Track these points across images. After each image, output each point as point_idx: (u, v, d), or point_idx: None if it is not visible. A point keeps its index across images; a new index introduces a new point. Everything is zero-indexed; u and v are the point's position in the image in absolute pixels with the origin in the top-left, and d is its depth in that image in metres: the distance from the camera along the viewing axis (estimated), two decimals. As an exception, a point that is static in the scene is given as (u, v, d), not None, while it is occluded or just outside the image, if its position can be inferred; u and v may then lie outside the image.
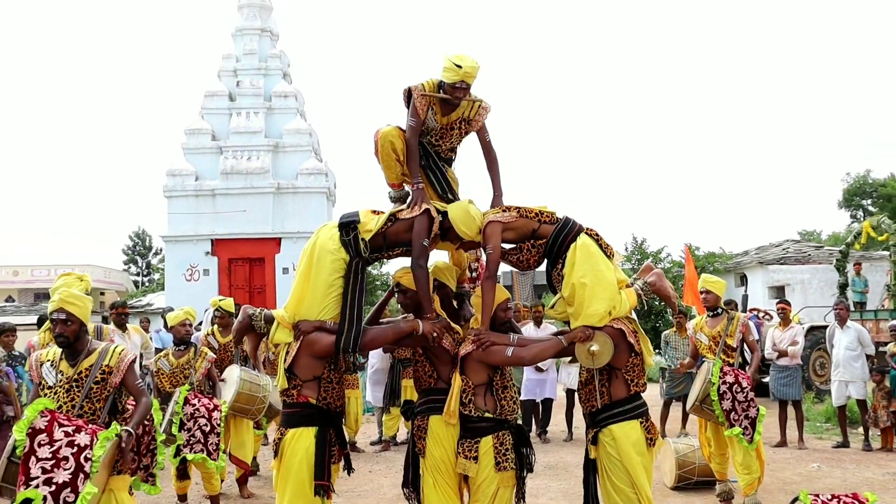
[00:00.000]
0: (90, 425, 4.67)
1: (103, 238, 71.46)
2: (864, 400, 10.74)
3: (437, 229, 5.09)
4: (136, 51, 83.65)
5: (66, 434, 4.53)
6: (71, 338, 4.82)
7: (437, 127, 5.20)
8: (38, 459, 4.46)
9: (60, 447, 4.48)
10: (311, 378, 4.89)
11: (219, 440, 7.35)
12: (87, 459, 4.50)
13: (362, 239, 4.95)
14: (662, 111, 78.88)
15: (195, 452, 7.21)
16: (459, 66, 4.98)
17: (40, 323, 9.30)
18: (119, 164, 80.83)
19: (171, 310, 13.90)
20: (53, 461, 4.46)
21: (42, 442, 4.48)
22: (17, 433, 4.48)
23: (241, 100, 23.07)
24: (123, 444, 4.67)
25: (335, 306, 4.93)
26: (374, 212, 5.14)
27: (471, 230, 5.10)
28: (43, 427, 4.51)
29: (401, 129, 5.19)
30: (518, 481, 5.03)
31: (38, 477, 4.43)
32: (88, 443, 4.54)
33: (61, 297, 4.84)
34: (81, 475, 4.48)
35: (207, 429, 7.27)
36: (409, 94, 5.19)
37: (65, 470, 4.46)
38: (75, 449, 4.50)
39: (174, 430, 7.15)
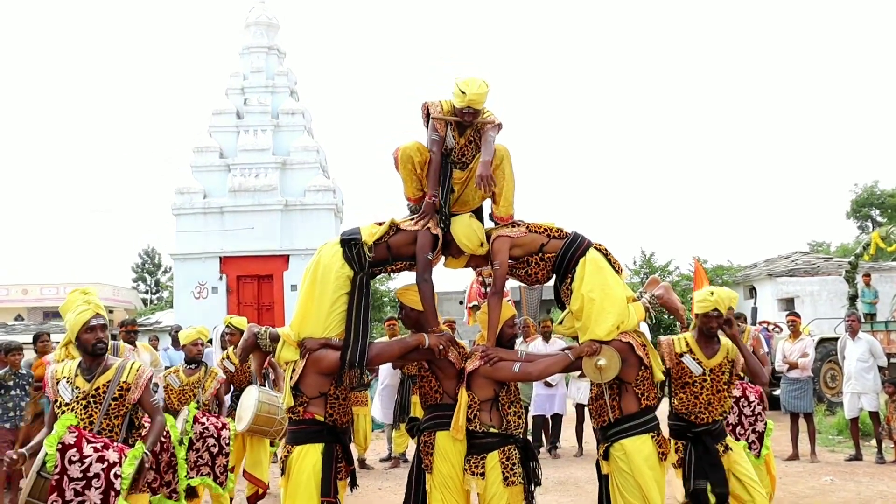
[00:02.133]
0: (115, 443, 4.67)
1: (112, 256, 71.58)
2: (877, 412, 10.67)
3: (440, 243, 5.09)
4: (144, 69, 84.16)
5: (96, 450, 4.53)
6: (108, 344, 4.82)
7: (456, 146, 5.22)
8: (71, 479, 4.46)
9: (91, 464, 4.48)
10: (318, 395, 4.87)
11: (227, 461, 7.32)
12: (116, 476, 4.51)
13: (365, 244, 4.95)
14: (670, 124, 78.93)
15: (201, 475, 7.18)
16: (464, 93, 5.00)
17: (35, 340, 9.26)
18: (128, 182, 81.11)
19: (180, 328, 13.89)
20: (84, 481, 4.46)
21: (73, 458, 4.47)
22: (48, 447, 4.46)
23: (248, 117, 23.13)
24: (145, 465, 4.67)
25: (340, 323, 4.93)
26: (377, 224, 5.15)
27: (472, 243, 5.13)
28: (72, 442, 4.50)
29: (421, 143, 5.20)
30: (527, 496, 5.02)
31: (71, 500, 4.44)
32: (117, 459, 4.54)
33: (96, 304, 4.84)
34: (112, 493, 4.49)
35: (216, 450, 7.25)
36: (427, 110, 5.24)
37: (96, 489, 4.46)
38: (105, 465, 4.50)
39: (181, 450, 7.12)
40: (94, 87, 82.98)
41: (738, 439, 7.22)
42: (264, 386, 7.97)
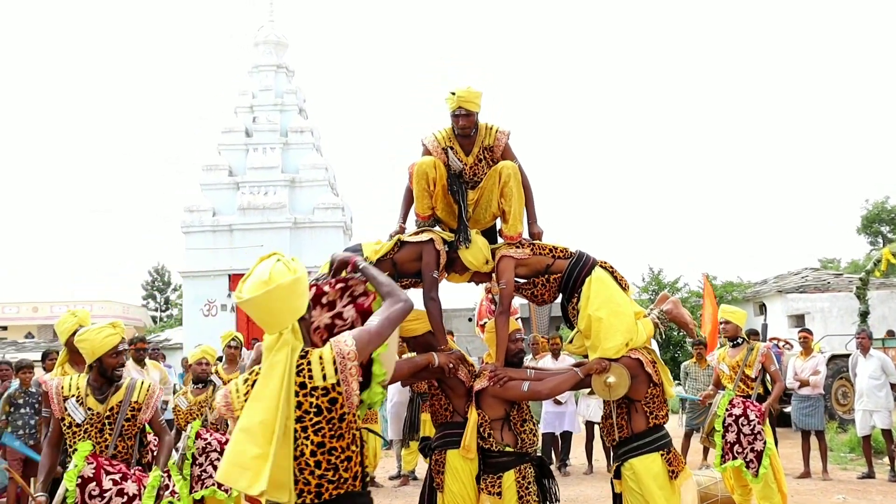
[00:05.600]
0: (132, 470, 4.66)
1: (123, 274, 71.76)
2: (889, 429, 10.57)
3: (444, 260, 5.08)
4: (154, 88, 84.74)
5: (115, 482, 4.53)
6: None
7: (465, 165, 5.19)
8: None
9: (111, 498, 4.49)
10: None
11: None
12: None
13: (368, 260, 4.91)
14: (679, 140, 78.97)
15: (205, 487, 7.14)
16: (453, 93, 5.02)
17: (44, 358, 9.25)
18: (139, 200, 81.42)
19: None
20: None
21: (93, 493, 4.47)
22: (68, 483, 4.44)
23: (257, 136, 23.25)
24: (163, 493, 4.74)
25: None
26: (378, 243, 5.13)
27: (478, 261, 5.11)
28: (91, 475, 4.49)
29: (437, 160, 5.15)
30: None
31: None
32: (137, 492, 4.55)
33: (122, 328, 4.84)
34: None
35: (219, 463, 7.19)
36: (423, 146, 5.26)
37: None
38: (125, 499, 4.52)
39: (186, 466, 7.09)
40: (105, 104, 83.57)
41: (735, 458, 7.25)
42: None
